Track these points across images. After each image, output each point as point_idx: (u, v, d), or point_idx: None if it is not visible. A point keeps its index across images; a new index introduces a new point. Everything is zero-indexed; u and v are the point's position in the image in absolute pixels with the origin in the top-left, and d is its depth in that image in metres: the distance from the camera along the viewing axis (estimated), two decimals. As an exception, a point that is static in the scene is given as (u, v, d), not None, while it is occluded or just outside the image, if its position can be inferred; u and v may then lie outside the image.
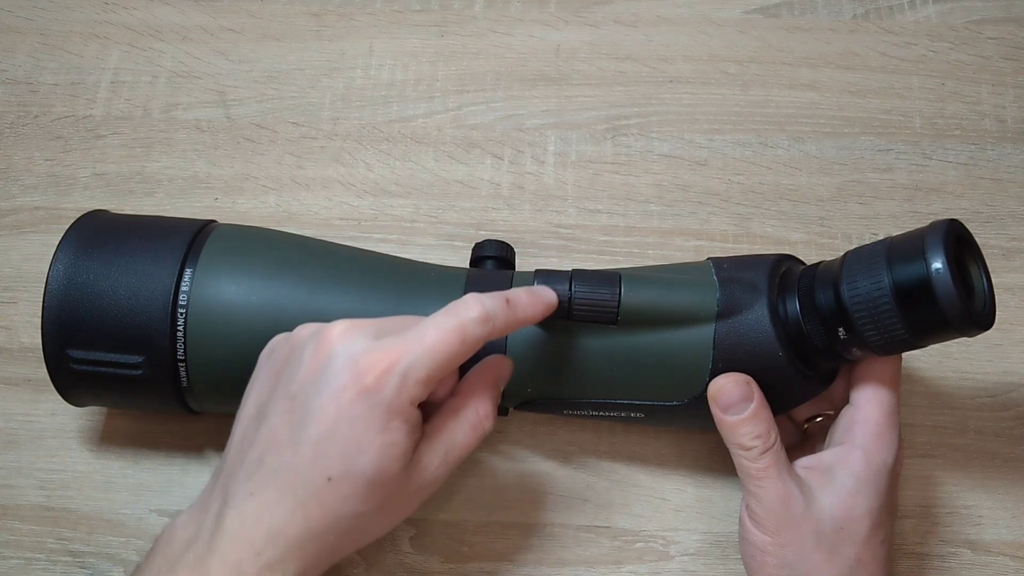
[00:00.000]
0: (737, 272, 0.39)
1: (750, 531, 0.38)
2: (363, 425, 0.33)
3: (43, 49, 0.57)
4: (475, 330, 0.34)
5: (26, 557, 0.43)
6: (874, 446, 0.38)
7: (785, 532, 0.37)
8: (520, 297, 0.36)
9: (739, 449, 0.38)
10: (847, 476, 0.37)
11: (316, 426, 0.33)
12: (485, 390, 0.37)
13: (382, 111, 0.55)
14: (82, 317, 0.38)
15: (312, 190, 0.52)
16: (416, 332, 0.33)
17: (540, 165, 0.53)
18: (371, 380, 0.33)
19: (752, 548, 0.38)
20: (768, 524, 0.37)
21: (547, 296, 0.37)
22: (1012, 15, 0.57)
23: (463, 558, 0.44)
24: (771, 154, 0.53)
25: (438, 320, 0.34)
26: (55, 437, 0.46)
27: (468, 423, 0.36)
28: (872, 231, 0.51)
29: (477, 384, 0.37)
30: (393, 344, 0.33)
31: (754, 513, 0.38)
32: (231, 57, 0.56)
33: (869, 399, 0.38)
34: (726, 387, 0.38)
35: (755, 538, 0.38)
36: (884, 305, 0.34)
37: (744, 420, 0.37)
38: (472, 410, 0.36)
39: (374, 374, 0.33)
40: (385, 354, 0.33)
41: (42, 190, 0.52)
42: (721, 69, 0.56)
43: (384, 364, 0.33)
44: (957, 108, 0.54)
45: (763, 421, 0.38)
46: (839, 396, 0.41)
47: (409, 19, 0.58)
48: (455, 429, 0.36)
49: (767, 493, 0.37)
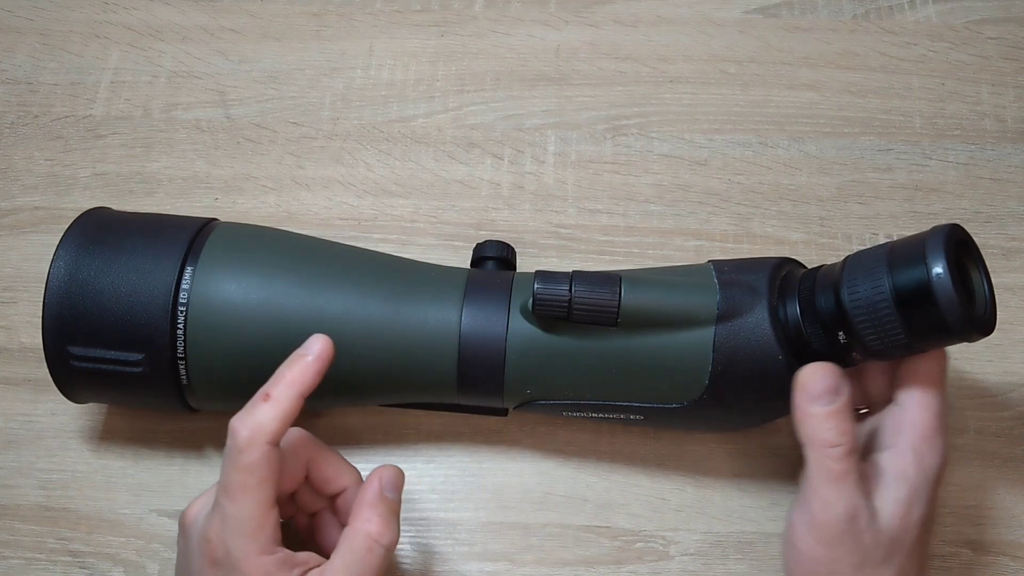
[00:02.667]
0: (737, 275, 0.39)
1: (804, 540, 0.35)
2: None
3: (43, 49, 0.57)
4: (257, 455, 0.33)
5: (26, 557, 0.43)
6: (924, 450, 0.36)
7: (843, 545, 0.35)
8: (282, 376, 0.35)
9: (822, 446, 0.35)
10: (901, 484, 0.35)
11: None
12: (368, 508, 0.36)
13: (382, 111, 0.55)
14: (83, 314, 0.39)
15: (312, 190, 0.52)
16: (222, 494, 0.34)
17: (540, 165, 0.53)
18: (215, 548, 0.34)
19: (801, 556, 0.36)
20: (828, 534, 0.35)
21: (313, 350, 0.36)
22: (1012, 15, 0.57)
23: (463, 558, 0.44)
24: (771, 154, 0.53)
25: (229, 477, 0.34)
26: (55, 437, 0.46)
27: (362, 548, 0.35)
28: (872, 231, 0.51)
29: (361, 507, 0.36)
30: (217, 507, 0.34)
31: (815, 520, 0.35)
32: (231, 57, 0.56)
33: (917, 401, 0.36)
34: (817, 374, 0.35)
35: (808, 548, 0.35)
36: (884, 309, 0.34)
37: (832, 413, 0.35)
38: (362, 533, 0.35)
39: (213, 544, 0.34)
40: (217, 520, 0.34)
41: (42, 190, 0.52)
42: (721, 69, 0.56)
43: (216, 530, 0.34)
44: (957, 108, 0.54)
45: (850, 417, 0.35)
46: (875, 392, 0.39)
47: (409, 19, 0.58)
48: (350, 558, 0.35)
49: (840, 500, 0.34)
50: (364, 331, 0.39)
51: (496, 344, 0.39)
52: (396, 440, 0.46)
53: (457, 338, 0.39)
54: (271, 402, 0.34)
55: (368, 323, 0.39)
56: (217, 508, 0.34)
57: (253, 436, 0.33)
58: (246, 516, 0.33)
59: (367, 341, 0.39)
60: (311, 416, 0.46)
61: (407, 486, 0.45)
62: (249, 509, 0.33)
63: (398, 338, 0.39)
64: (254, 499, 0.33)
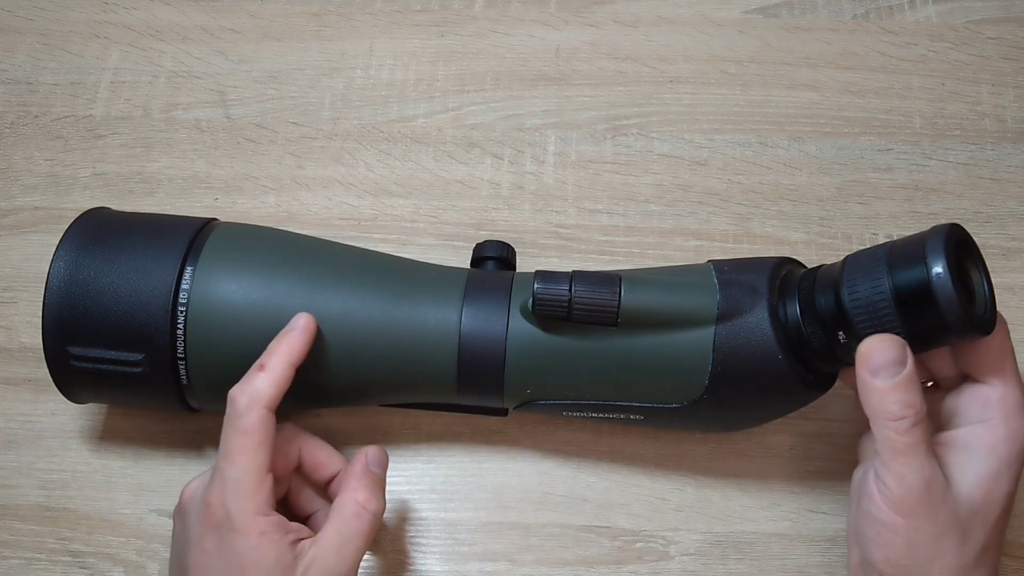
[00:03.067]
0: (737, 275, 0.39)
1: (881, 509, 0.35)
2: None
3: (43, 49, 0.57)
4: (255, 418, 0.36)
5: (26, 557, 0.43)
6: (1017, 426, 0.36)
7: (921, 515, 0.34)
8: (274, 349, 0.38)
9: (887, 419, 0.34)
10: (991, 457, 0.35)
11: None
12: (356, 479, 0.38)
13: (382, 111, 0.55)
14: (83, 314, 0.39)
15: (312, 190, 0.52)
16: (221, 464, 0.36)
17: (540, 165, 0.53)
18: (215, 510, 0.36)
19: (878, 525, 0.35)
20: (905, 505, 0.34)
21: (298, 324, 0.38)
22: (1012, 15, 0.57)
23: (463, 558, 0.44)
24: (771, 154, 0.53)
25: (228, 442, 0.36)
26: (55, 437, 0.46)
27: (350, 514, 0.37)
28: (872, 231, 0.51)
29: (348, 479, 0.38)
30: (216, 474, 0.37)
31: (889, 491, 0.35)
32: (231, 57, 0.56)
33: (1007, 378, 0.36)
34: (878, 346, 0.34)
35: (885, 517, 0.35)
36: (884, 309, 0.34)
37: (896, 385, 0.34)
38: (350, 501, 0.37)
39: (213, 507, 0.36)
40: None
41: (42, 190, 0.52)
42: (721, 69, 0.56)
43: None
44: (957, 108, 0.54)
45: (916, 389, 0.34)
46: (938, 369, 0.39)
47: (409, 19, 0.58)
48: (340, 525, 0.37)
49: (912, 472, 0.34)
50: (364, 331, 0.39)
51: (496, 344, 0.39)
52: (396, 440, 0.46)
53: (457, 338, 0.39)
54: (266, 371, 0.37)
55: (368, 323, 0.39)
56: (216, 473, 0.36)
57: (251, 401, 0.36)
58: (244, 477, 0.35)
59: (367, 341, 0.39)
60: (311, 416, 0.46)
61: (408, 486, 0.45)
62: (247, 470, 0.36)
63: (398, 338, 0.39)
64: (252, 460, 0.36)
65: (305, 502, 0.41)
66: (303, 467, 0.41)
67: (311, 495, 0.41)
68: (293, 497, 0.41)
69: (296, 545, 0.36)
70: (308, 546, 0.36)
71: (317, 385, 0.40)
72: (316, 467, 0.41)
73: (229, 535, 0.35)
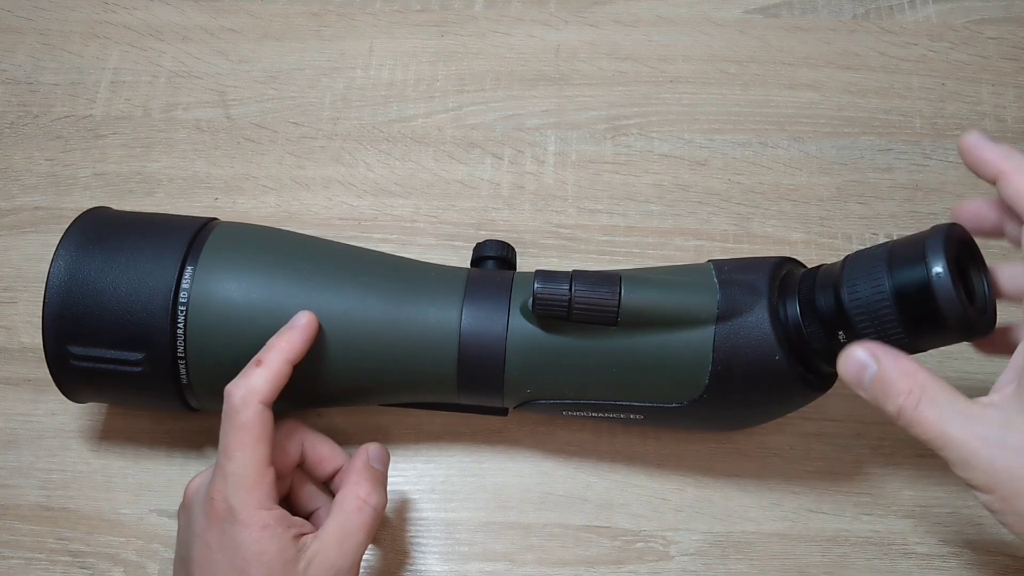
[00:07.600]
0: (738, 274, 0.39)
1: (976, 495, 0.32)
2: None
3: (43, 49, 0.57)
4: (252, 413, 0.36)
5: (26, 557, 0.43)
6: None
7: (1004, 483, 0.31)
8: (273, 345, 0.38)
9: (893, 418, 0.34)
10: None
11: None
12: (357, 474, 0.39)
13: (382, 111, 0.55)
14: (83, 313, 0.39)
15: (312, 190, 0.52)
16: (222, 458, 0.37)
17: (540, 165, 0.53)
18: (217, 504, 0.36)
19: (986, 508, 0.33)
20: (979, 480, 0.32)
21: (299, 322, 0.38)
22: (1012, 15, 0.57)
23: (463, 558, 0.44)
24: (771, 154, 0.53)
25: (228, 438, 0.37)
26: (55, 437, 0.46)
27: (352, 508, 0.38)
28: (872, 231, 0.51)
29: (350, 474, 0.39)
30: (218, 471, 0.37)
31: (962, 476, 0.32)
32: (231, 57, 0.56)
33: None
34: (841, 368, 0.35)
35: (982, 499, 0.32)
36: (884, 309, 0.34)
37: (874, 384, 0.34)
38: (351, 495, 0.38)
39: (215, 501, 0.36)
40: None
41: (42, 190, 0.52)
42: (721, 69, 0.56)
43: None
44: (957, 108, 0.54)
45: (897, 376, 0.33)
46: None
47: (409, 19, 0.58)
48: (342, 519, 0.37)
49: (952, 447, 0.32)
50: (364, 331, 0.39)
51: (496, 344, 0.39)
52: (396, 440, 0.46)
53: (457, 338, 0.39)
54: (263, 367, 0.37)
55: (368, 323, 0.39)
56: (218, 470, 0.36)
57: (247, 396, 0.36)
58: (245, 472, 0.36)
59: (367, 341, 0.39)
60: (311, 416, 0.46)
61: (408, 486, 0.45)
62: (247, 465, 0.36)
63: (398, 338, 0.39)
64: (252, 455, 0.36)
65: (307, 499, 0.41)
66: (305, 462, 0.41)
67: (313, 491, 0.41)
68: (295, 494, 0.41)
69: (299, 539, 0.36)
70: (310, 540, 0.36)
71: (317, 384, 0.40)
72: (318, 463, 0.41)
73: (232, 529, 0.35)
